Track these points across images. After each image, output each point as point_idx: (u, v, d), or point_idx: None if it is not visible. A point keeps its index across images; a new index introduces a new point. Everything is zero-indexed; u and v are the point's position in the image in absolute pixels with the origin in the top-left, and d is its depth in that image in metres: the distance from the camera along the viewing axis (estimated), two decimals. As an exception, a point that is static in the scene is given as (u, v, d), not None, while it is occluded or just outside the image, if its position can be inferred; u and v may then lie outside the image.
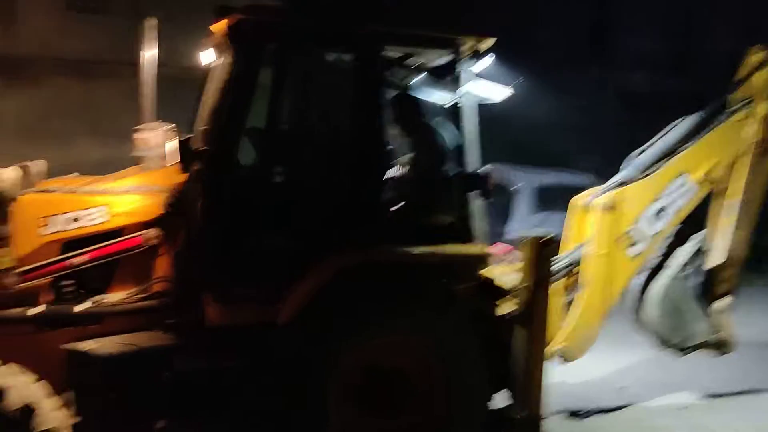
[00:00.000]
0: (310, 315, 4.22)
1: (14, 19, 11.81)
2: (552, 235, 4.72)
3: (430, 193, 4.72)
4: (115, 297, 4.44)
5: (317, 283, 4.24)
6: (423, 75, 5.02)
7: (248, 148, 4.58)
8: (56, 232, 4.28)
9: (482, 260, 4.68)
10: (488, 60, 4.74)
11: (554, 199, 11.91)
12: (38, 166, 4.58)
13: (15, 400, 3.70)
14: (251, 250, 4.38)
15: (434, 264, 4.48)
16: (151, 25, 4.88)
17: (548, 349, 5.07)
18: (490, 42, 4.69)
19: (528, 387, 4.63)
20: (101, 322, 4.37)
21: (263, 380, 4.21)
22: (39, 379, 3.97)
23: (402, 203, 4.66)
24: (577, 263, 5.32)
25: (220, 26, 4.42)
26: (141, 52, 4.91)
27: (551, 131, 15.83)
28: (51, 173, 4.90)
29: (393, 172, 4.88)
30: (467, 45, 4.64)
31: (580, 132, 16.62)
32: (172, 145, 4.49)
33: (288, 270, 4.30)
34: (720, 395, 6.67)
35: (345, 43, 4.51)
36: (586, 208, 5.41)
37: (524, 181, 12.37)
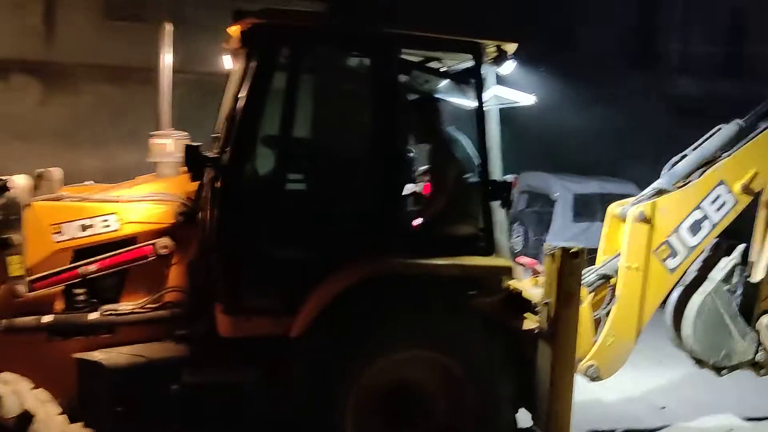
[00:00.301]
0: (323, 328, 4.09)
1: (54, 29, 12.04)
2: (580, 247, 4.49)
3: (450, 203, 4.54)
4: (126, 306, 4.38)
5: (330, 295, 4.10)
6: (444, 79, 4.83)
7: (265, 156, 4.47)
8: (68, 239, 4.24)
9: (505, 272, 4.47)
10: (512, 64, 4.54)
11: (595, 209, 11.61)
12: (55, 173, 4.54)
13: (12, 407, 3.64)
14: (264, 260, 4.28)
15: (454, 276, 4.30)
16: (168, 30, 4.81)
17: (578, 366, 4.87)
18: (513, 46, 4.50)
19: (553, 407, 4.39)
20: (112, 332, 4.34)
21: (275, 393, 4.09)
22: (44, 387, 3.93)
23: (421, 213, 4.49)
24: (611, 275, 5.09)
25: (236, 31, 4.33)
26: (159, 58, 4.84)
27: (595, 138, 15.46)
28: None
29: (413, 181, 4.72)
30: (489, 49, 4.45)
31: (626, 139, 16.21)
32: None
33: (301, 281, 4.17)
34: (766, 418, 6.30)
35: (362, 46, 4.37)
36: (621, 217, 5.18)
37: (564, 190, 12.06)
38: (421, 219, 4.52)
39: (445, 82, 4.90)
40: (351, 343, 4.08)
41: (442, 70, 4.75)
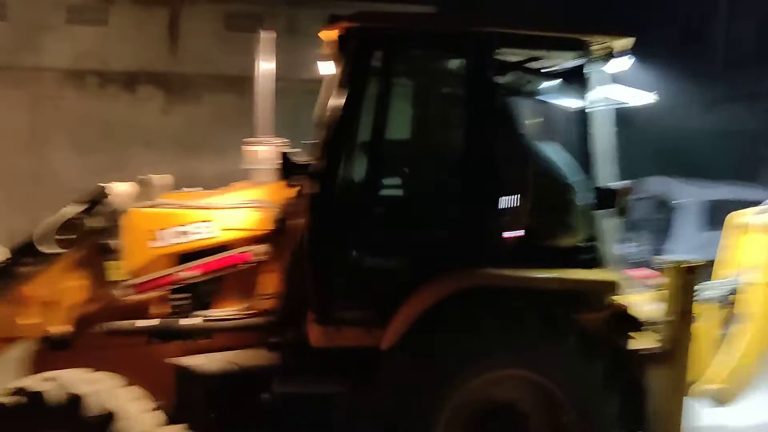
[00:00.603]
0: (414, 342, 3.93)
1: (178, 41, 12.63)
2: (697, 260, 4.11)
3: (551, 212, 4.25)
4: (222, 312, 4.41)
5: (422, 308, 3.95)
6: (549, 79, 4.54)
7: (357, 163, 4.37)
8: (165, 245, 4.31)
9: (611, 287, 4.13)
10: (627, 61, 4.20)
11: (725, 217, 10.78)
12: (157, 179, 4.65)
13: (95, 405, 3.73)
14: (356, 269, 4.19)
15: (554, 290, 4.02)
16: (266, 37, 4.85)
17: (697, 389, 4.51)
18: (627, 42, 4.16)
19: (665, 433, 4.04)
20: (207, 337, 4.37)
21: (365, 407, 3.97)
22: (142, 389, 4.01)
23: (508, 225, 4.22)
24: (735, 291, 4.66)
25: (330, 36, 4.27)
26: (257, 65, 4.88)
27: (727, 140, 14.39)
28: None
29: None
30: (598, 46, 4.14)
31: (763, 140, 14.98)
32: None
33: (393, 292, 4.04)
34: None
35: (457, 46, 4.17)
36: (743, 227, 4.74)
37: (690, 196, 11.23)
38: (510, 230, 4.25)
39: (549, 83, 4.61)
40: (442, 359, 3.90)
41: (545, 69, 4.45)
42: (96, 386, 3.81)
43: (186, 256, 4.37)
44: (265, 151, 4.83)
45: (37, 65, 12.00)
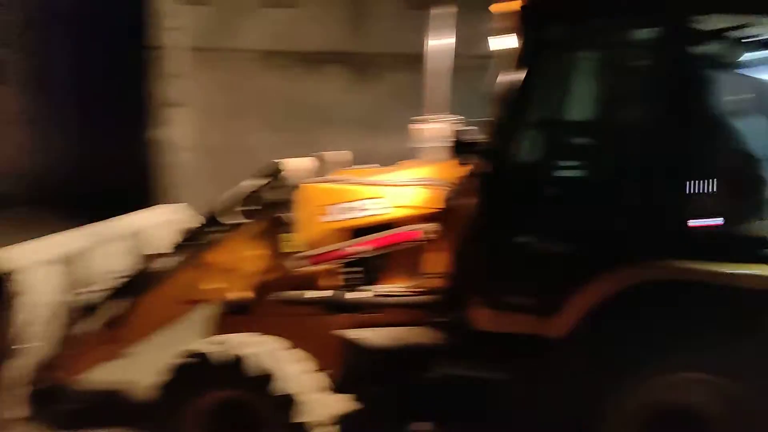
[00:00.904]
0: (587, 334, 3.69)
1: (362, 21, 12.86)
2: None
3: (750, 200, 3.79)
4: (389, 288, 4.42)
5: (599, 298, 3.69)
6: (757, 49, 4.02)
7: (533, 142, 4.16)
8: (336, 220, 4.38)
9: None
10: None
11: None
12: (343, 156, 4.74)
13: (254, 366, 3.91)
14: (527, 253, 4.00)
15: (752, 289, 3.57)
16: (439, 14, 4.75)
17: None
18: None
19: None
20: (374, 312, 4.39)
21: (528, 396, 3.80)
22: (295, 350, 4.14)
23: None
24: None
25: (507, 8, 4.08)
26: (426, 42, 4.81)
27: None
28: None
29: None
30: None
31: None
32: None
33: (567, 278, 3.81)
34: None
35: (653, 14, 3.79)
36: None
37: None
38: (700, 219, 3.82)
39: (757, 53, 4.08)
40: (618, 355, 3.63)
41: (753, 38, 3.94)
42: (258, 348, 3.99)
43: (357, 231, 4.41)
44: (432, 129, 4.75)
45: (234, 47, 12.76)
